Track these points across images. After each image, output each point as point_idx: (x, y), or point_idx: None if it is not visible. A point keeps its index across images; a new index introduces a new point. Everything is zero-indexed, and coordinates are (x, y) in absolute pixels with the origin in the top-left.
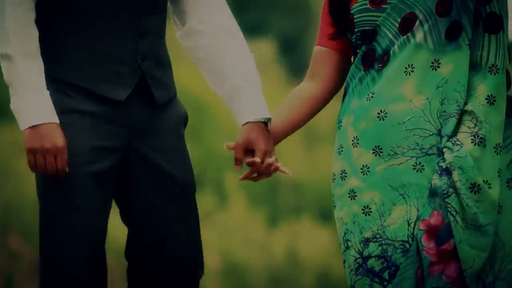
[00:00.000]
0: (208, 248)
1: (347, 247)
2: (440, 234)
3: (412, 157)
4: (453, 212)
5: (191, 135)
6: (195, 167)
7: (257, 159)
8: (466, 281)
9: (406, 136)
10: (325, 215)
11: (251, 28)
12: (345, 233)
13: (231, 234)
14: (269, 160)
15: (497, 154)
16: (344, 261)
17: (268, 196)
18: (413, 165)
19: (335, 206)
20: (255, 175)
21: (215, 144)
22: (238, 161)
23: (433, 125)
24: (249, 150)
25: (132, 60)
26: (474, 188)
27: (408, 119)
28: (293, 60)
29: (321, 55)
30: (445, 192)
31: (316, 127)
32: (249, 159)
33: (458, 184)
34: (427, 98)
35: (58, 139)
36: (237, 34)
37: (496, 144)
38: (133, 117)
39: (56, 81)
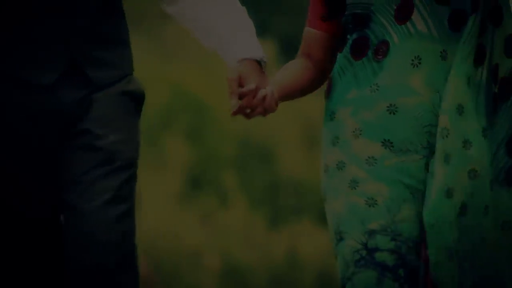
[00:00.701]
0: (208, 249)
1: (341, 239)
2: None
3: (424, 156)
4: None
5: (191, 135)
6: (195, 167)
7: (250, 86)
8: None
9: (419, 132)
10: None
11: None
12: (338, 225)
13: (231, 235)
14: (262, 92)
15: (460, 115)
16: (336, 256)
17: (268, 196)
18: (426, 165)
19: (325, 199)
20: (247, 110)
21: (215, 145)
22: (232, 94)
23: None
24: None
25: (64, 41)
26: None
27: (420, 115)
28: None
29: (312, 37)
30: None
31: (316, 127)
32: (240, 91)
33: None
34: (438, 92)
35: None
36: None
37: (458, 105)
38: (67, 102)
39: None
